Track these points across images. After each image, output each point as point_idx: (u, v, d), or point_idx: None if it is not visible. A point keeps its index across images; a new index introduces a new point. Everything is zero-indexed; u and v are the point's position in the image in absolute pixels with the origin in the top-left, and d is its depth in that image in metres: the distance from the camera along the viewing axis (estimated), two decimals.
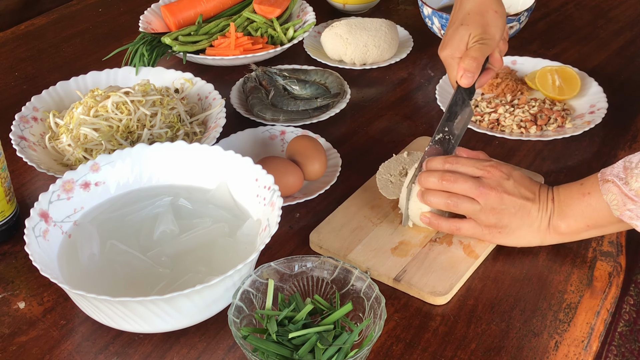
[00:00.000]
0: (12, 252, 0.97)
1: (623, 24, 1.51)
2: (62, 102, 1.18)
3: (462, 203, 0.92)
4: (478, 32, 1.00)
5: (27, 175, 1.10)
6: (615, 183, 0.86)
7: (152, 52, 1.28)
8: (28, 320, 0.88)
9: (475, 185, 0.91)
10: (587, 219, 0.90)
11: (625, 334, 1.61)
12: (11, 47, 1.45)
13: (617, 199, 0.85)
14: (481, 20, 1.01)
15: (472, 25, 1.01)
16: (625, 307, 1.65)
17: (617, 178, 0.86)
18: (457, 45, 1.01)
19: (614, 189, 0.86)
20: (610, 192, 0.86)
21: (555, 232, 0.92)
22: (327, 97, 1.23)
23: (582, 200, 0.90)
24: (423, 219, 0.95)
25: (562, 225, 0.91)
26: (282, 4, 1.42)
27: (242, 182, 0.93)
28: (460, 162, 0.94)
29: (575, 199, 0.90)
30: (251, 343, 0.76)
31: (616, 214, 0.86)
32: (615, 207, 0.86)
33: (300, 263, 0.84)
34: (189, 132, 1.13)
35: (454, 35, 1.01)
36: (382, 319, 0.77)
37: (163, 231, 0.90)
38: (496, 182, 0.91)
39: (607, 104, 1.20)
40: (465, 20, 1.02)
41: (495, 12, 1.02)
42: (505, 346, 0.84)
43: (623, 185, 0.85)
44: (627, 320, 1.63)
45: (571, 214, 0.90)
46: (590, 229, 0.91)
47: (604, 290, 0.91)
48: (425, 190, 0.94)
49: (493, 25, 1.01)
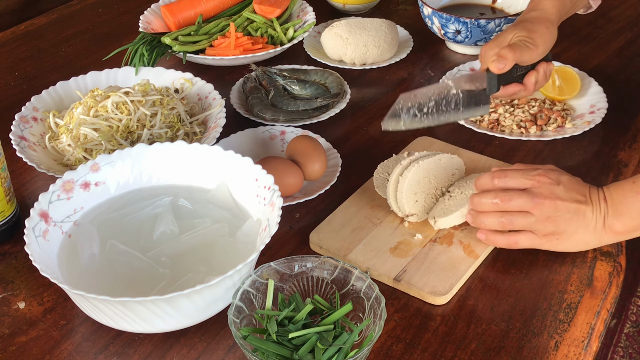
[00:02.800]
0: (12, 252, 0.97)
1: (623, 24, 1.51)
2: (62, 102, 1.18)
3: (516, 219, 0.91)
4: (523, 34, 1.04)
5: (27, 175, 1.10)
6: None
7: (152, 52, 1.28)
8: (28, 321, 0.88)
9: (529, 199, 0.90)
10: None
11: (632, 335, 1.60)
12: (11, 47, 1.45)
13: None
14: (530, 27, 1.05)
15: (519, 28, 1.05)
16: (632, 309, 1.65)
17: None
18: (499, 41, 1.05)
19: None
20: None
21: (611, 231, 0.91)
22: (327, 97, 1.23)
23: (636, 199, 0.89)
24: (480, 236, 0.94)
25: (618, 224, 0.90)
26: (282, 4, 1.42)
27: (242, 182, 0.93)
28: (508, 175, 0.93)
29: (629, 197, 0.90)
30: (251, 343, 0.76)
31: None
32: None
33: (300, 263, 0.84)
34: (189, 132, 1.13)
35: (500, 34, 1.06)
36: (382, 319, 0.77)
37: (163, 231, 0.90)
38: (548, 191, 0.91)
39: (607, 104, 1.20)
40: (515, 25, 1.07)
41: (546, 28, 1.06)
42: (505, 346, 0.84)
43: None
44: (634, 322, 1.63)
45: (627, 212, 0.90)
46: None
47: (604, 290, 0.91)
48: (479, 213, 0.93)
49: (540, 35, 1.05)
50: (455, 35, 1.35)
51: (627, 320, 1.64)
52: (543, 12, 1.08)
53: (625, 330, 1.62)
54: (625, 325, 1.63)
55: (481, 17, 1.38)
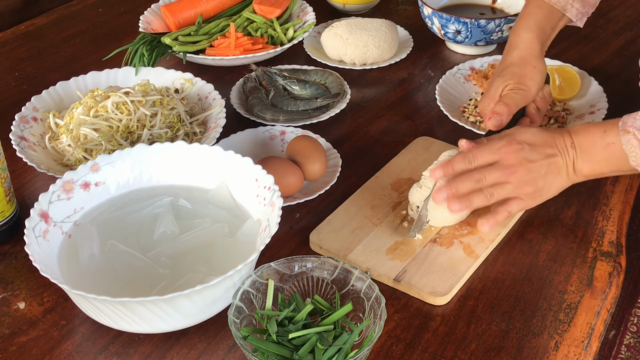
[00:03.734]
0: (12, 252, 0.97)
1: (623, 24, 1.51)
2: (62, 102, 1.18)
3: (497, 191, 0.93)
4: (513, 82, 1.05)
5: (27, 175, 1.10)
6: (636, 135, 0.89)
7: (152, 52, 1.28)
8: (28, 321, 0.88)
9: (502, 172, 0.93)
10: (610, 164, 0.94)
11: (634, 345, 1.60)
12: (11, 47, 1.45)
13: (635, 152, 0.90)
14: (519, 72, 1.06)
15: (508, 77, 1.06)
16: (632, 319, 1.64)
17: (637, 130, 0.89)
18: (491, 94, 1.06)
19: (633, 141, 0.90)
20: (629, 143, 0.90)
21: (580, 174, 0.95)
22: (327, 97, 1.23)
23: (605, 149, 0.93)
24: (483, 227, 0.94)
25: (586, 168, 0.95)
26: (282, 4, 1.42)
27: (242, 182, 0.93)
28: (476, 155, 0.95)
29: (598, 147, 0.93)
30: (251, 343, 0.76)
31: (633, 164, 0.91)
32: (634, 158, 0.90)
33: (300, 263, 0.84)
34: (189, 132, 1.13)
35: (490, 86, 1.07)
36: (382, 319, 0.77)
37: (163, 231, 0.90)
38: (516, 158, 0.94)
39: (607, 104, 1.20)
40: (503, 73, 1.07)
41: (533, 67, 1.07)
42: (505, 346, 0.84)
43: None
44: (634, 332, 1.62)
45: (595, 159, 0.94)
46: (613, 172, 0.96)
47: (604, 291, 0.91)
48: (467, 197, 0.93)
49: (530, 78, 1.06)
50: (455, 35, 1.35)
51: (626, 331, 1.63)
52: (525, 50, 1.08)
53: (625, 341, 1.62)
54: (625, 337, 1.63)
55: (481, 17, 1.38)
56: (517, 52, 1.08)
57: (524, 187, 0.94)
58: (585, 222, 1.00)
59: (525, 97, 1.05)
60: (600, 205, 1.03)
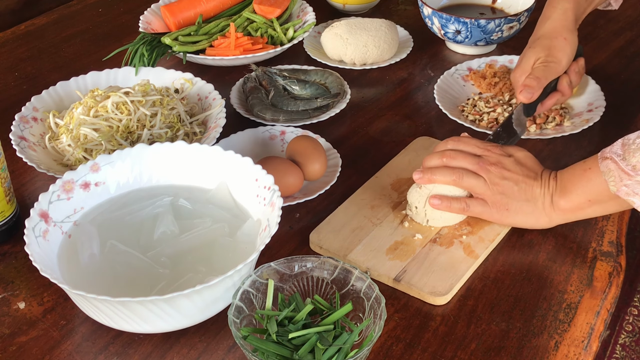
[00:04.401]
0: (12, 252, 0.97)
1: (623, 24, 1.51)
2: (62, 102, 1.18)
3: (466, 175, 0.94)
4: (543, 55, 1.06)
5: (27, 175, 1.10)
6: (613, 159, 0.87)
7: (152, 52, 1.28)
8: (28, 321, 0.88)
9: (475, 161, 0.94)
10: (587, 193, 0.91)
11: (629, 345, 1.60)
12: (11, 47, 1.45)
13: (614, 175, 0.86)
14: (549, 44, 1.07)
15: (539, 49, 1.07)
16: (627, 318, 1.64)
17: (615, 155, 0.87)
18: (523, 67, 1.08)
19: (611, 165, 0.87)
20: (607, 168, 0.87)
21: (558, 209, 0.93)
22: (327, 97, 1.23)
23: (583, 176, 0.91)
24: (433, 202, 0.96)
25: (562, 201, 0.92)
26: (282, 4, 1.42)
27: (242, 182, 0.93)
28: (462, 141, 0.97)
29: (577, 176, 0.92)
30: (251, 343, 0.76)
31: (613, 189, 0.87)
32: (613, 183, 0.87)
33: (300, 263, 0.84)
34: (189, 132, 1.13)
35: (522, 58, 1.09)
36: (382, 319, 0.77)
37: (163, 231, 0.90)
38: (495, 159, 0.94)
39: (605, 102, 1.20)
40: (533, 44, 1.09)
41: (564, 39, 1.07)
42: (505, 346, 0.84)
43: (620, 161, 0.86)
44: (630, 332, 1.62)
45: (572, 189, 0.92)
46: (592, 204, 0.91)
47: (604, 290, 0.91)
48: (430, 169, 0.96)
49: (560, 50, 1.07)
50: (455, 35, 1.35)
51: (622, 330, 1.63)
52: (558, 21, 1.09)
53: (620, 340, 1.61)
54: (620, 336, 1.62)
55: (481, 17, 1.38)
56: (550, 23, 1.09)
57: (493, 189, 0.93)
58: (585, 222, 1.00)
59: (555, 69, 1.06)
60: None
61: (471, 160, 0.95)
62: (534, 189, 0.94)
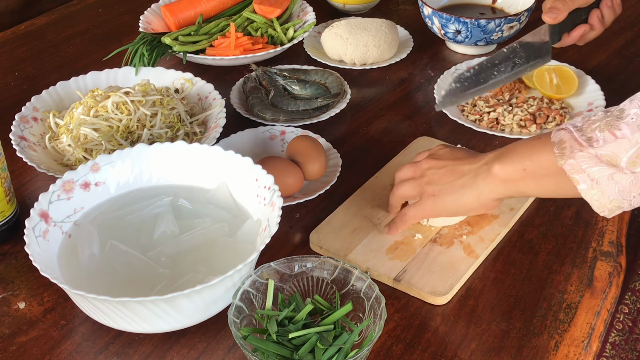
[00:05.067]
0: (12, 252, 0.97)
1: (623, 24, 1.51)
2: (62, 102, 1.18)
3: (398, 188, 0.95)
4: None
5: (27, 175, 1.10)
6: (569, 130, 0.79)
7: (152, 52, 1.28)
8: (28, 321, 0.88)
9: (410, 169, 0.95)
10: (525, 160, 0.83)
11: (619, 343, 1.59)
12: (11, 47, 1.45)
13: (566, 146, 0.78)
14: None
15: None
16: (618, 316, 1.64)
17: (572, 126, 0.80)
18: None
19: (565, 135, 0.79)
20: (560, 138, 0.79)
21: (493, 176, 0.86)
22: (327, 97, 1.23)
23: (527, 143, 0.84)
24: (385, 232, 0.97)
25: (497, 166, 0.85)
26: (282, 4, 1.42)
27: (242, 182, 0.93)
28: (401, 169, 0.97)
29: (520, 144, 0.85)
30: (251, 343, 0.76)
31: (560, 162, 0.78)
32: (561, 155, 0.78)
33: (300, 263, 0.84)
34: (189, 132, 1.13)
35: None
36: (382, 319, 0.77)
37: (163, 231, 0.90)
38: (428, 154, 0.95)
39: (604, 102, 1.21)
40: None
41: None
42: (505, 346, 0.84)
43: (576, 131, 0.78)
44: (620, 330, 1.62)
45: (510, 155, 0.85)
46: (525, 176, 0.83)
47: (604, 290, 0.91)
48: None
49: None
50: (455, 35, 1.35)
51: (612, 329, 1.63)
52: None
53: (610, 339, 1.61)
54: (609, 335, 1.62)
55: (481, 17, 1.38)
56: None
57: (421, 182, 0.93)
58: (585, 222, 1.00)
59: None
60: None
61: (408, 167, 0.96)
62: (462, 166, 0.89)
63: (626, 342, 1.60)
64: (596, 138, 0.76)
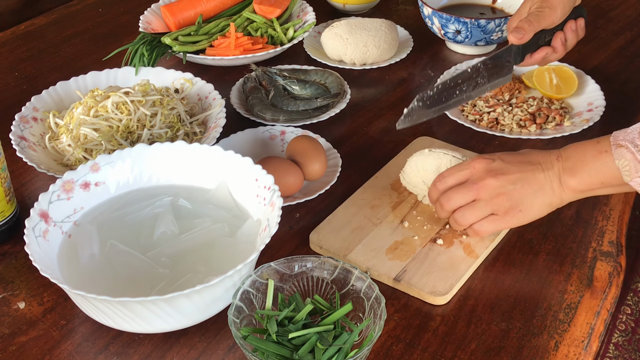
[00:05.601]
0: (12, 252, 0.97)
1: (623, 24, 1.51)
2: (62, 102, 1.18)
3: (467, 212, 0.92)
4: (540, 1, 1.07)
5: (27, 175, 1.10)
6: (629, 149, 0.84)
7: (152, 52, 1.28)
8: (28, 320, 0.88)
9: (467, 189, 0.91)
10: (600, 176, 0.88)
11: (622, 344, 1.59)
12: (11, 47, 1.45)
13: (629, 165, 0.84)
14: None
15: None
16: (621, 317, 1.64)
17: (631, 144, 0.84)
18: (519, 12, 1.10)
19: (627, 154, 0.84)
20: (623, 157, 0.84)
21: (568, 188, 0.90)
22: (327, 97, 1.23)
23: (597, 158, 0.88)
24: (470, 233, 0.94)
25: (573, 181, 0.89)
26: (282, 4, 1.42)
27: (242, 182, 0.93)
28: (444, 175, 0.95)
29: (589, 157, 0.89)
30: (251, 343, 0.76)
31: (626, 179, 0.84)
32: (627, 173, 0.84)
33: (300, 263, 0.84)
34: (189, 132, 1.13)
35: (519, 7, 1.10)
36: (382, 319, 0.77)
37: (163, 231, 0.90)
38: (484, 171, 0.91)
39: (604, 102, 1.21)
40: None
41: None
42: (505, 346, 0.84)
43: (637, 151, 0.83)
44: (623, 331, 1.62)
45: (584, 169, 0.88)
46: (604, 186, 0.89)
47: (604, 290, 0.91)
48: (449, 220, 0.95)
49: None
50: (455, 35, 1.35)
51: (615, 329, 1.63)
52: None
53: (613, 340, 1.61)
54: (613, 335, 1.62)
55: (481, 17, 1.38)
56: None
57: (497, 201, 0.90)
58: (585, 222, 1.00)
59: (549, 16, 1.06)
60: (600, 205, 1.03)
61: (464, 191, 0.91)
62: (536, 175, 0.90)
63: (629, 343, 1.60)
64: None
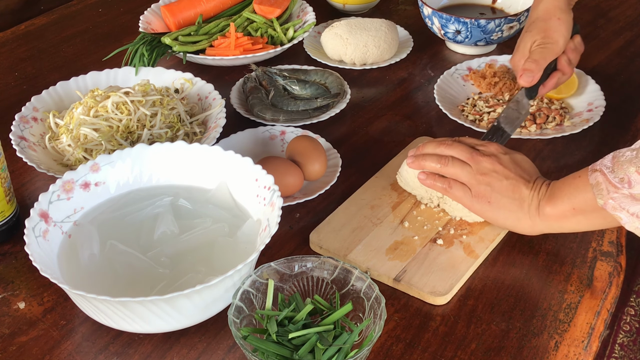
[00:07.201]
0: (12, 252, 0.97)
1: (623, 24, 1.51)
2: (62, 102, 1.18)
3: (452, 163, 0.94)
4: (540, 37, 1.08)
5: (27, 175, 1.10)
6: (602, 171, 0.84)
7: (152, 52, 1.28)
8: (28, 320, 0.88)
9: (468, 150, 0.94)
10: (572, 201, 0.88)
11: (627, 344, 1.60)
12: (11, 47, 1.45)
13: (602, 187, 0.84)
14: (544, 26, 1.09)
15: (535, 32, 1.09)
16: (625, 318, 1.64)
17: (604, 167, 0.85)
18: (521, 51, 1.10)
19: (600, 177, 0.84)
20: (596, 180, 0.85)
21: (542, 215, 0.91)
22: (327, 97, 1.23)
23: (571, 184, 0.89)
24: (420, 177, 0.97)
25: (548, 207, 0.90)
26: (282, 4, 1.42)
27: (242, 182, 0.94)
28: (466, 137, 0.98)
29: (566, 184, 0.90)
30: (251, 343, 0.76)
31: (600, 202, 0.84)
32: (600, 196, 0.84)
33: (300, 263, 0.84)
34: (189, 132, 1.13)
35: (519, 42, 1.11)
36: (382, 319, 0.77)
37: (163, 231, 0.90)
38: (491, 152, 0.94)
39: (604, 102, 1.20)
40: (529, 28, 1.10)
41: (558, 19, 1.09)
42: (505, 346, 0.84)
43: (609, 173, 0.84)
44: (628, 331, 1.62)
45: (559, 195, 0.90)
46: (576, 214, 0.88)
47: (604, 290, 0.91)
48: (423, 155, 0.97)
49: (555, 31, 1.08)
50: (455, 35, 1.35)
51: (620, 330, 1.63)
52: (550, 2, 1.10)
53: (618, 340, 1.61)
54: (618, 336, 1.62)
55: (481, 17, 1.38)
56: (543, 5, 1.10)
57: (478, 179, 0.93)
58: None
59: (553, 50, 1.08)
60: None
61: (464, 149, 0.95)
62: (523, 189, 0.92)
63: (634, 343, 1.61)
64: (627, 179, 0.81)
